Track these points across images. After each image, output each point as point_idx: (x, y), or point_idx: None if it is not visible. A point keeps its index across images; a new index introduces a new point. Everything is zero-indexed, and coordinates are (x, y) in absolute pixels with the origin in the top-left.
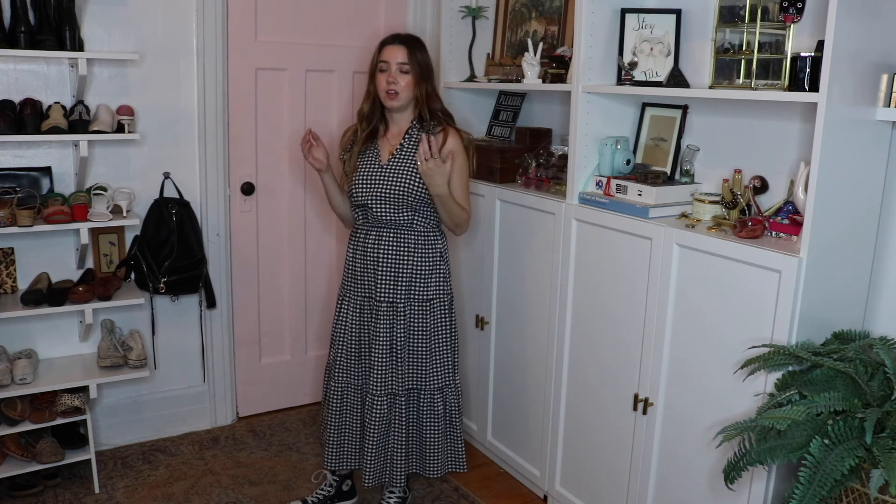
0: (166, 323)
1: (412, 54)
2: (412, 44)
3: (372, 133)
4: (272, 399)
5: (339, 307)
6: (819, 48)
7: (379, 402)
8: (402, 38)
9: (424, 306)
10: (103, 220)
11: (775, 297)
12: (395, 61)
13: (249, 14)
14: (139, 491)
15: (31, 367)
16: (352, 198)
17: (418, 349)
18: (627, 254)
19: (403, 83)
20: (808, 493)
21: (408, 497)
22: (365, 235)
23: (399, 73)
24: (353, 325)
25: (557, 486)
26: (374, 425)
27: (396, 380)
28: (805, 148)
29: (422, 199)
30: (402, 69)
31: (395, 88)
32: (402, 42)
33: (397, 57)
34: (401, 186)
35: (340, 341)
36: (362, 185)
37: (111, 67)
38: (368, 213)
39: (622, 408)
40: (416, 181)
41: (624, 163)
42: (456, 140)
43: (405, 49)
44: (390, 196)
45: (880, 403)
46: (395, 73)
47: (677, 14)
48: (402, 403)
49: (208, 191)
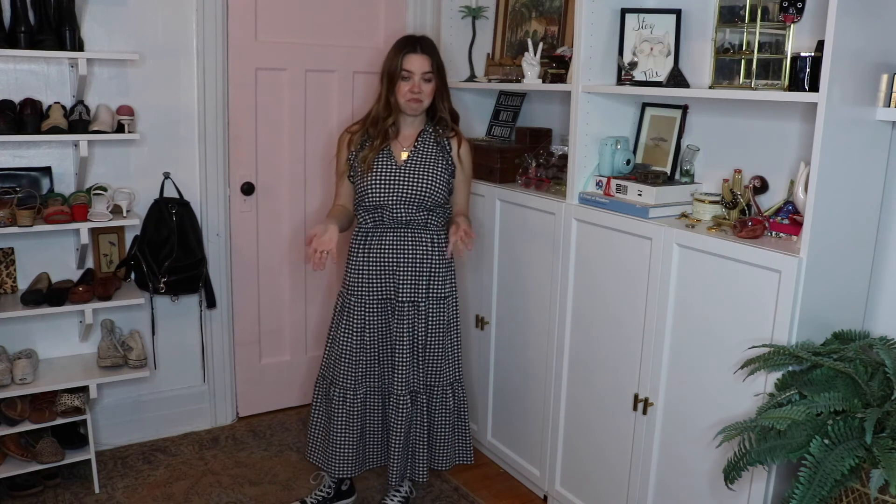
0: (166, 323)
1: (434, 62)
2: (433, 52)
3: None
4: (272, 399)
5: (349, 312)
6: (819, 48)
7: (403, 401)
8: (423, 45)
9: (441, 304)
10: (103, 220)
11: (775, 297)
12: (419, 71)
13: (249, 14)
14: (139, 491)
15: (31, 367)
16: (366, 199)
17: (436, 346)
18: (627, 254)
19: (427, 91)
20: (808, 493)
21: (413, 496)
22: (380, 237)
23: (423, 83)
24: (367, 329)
25: (557, 486)
26: (400, 424)
27: (418, 378)
28: (805, 148)
29: (438, 199)
30: (426, 78)
31: (420, 97)
32: (423, 51)
33: (423, 67)
34: (420, 187)
35: (351, 346)
36: (379, 186)
37: (111, 67)
38: (384, 214)
39: (622, 408)
40: (434, 182)
41: (624, 163)
42: (466, 148)
43: (429, 59)
44: (409, 196)
45: (880, 403)
46: (419, 83)
47: (677, 14)
48: (423, 400)
49: (208, 191)
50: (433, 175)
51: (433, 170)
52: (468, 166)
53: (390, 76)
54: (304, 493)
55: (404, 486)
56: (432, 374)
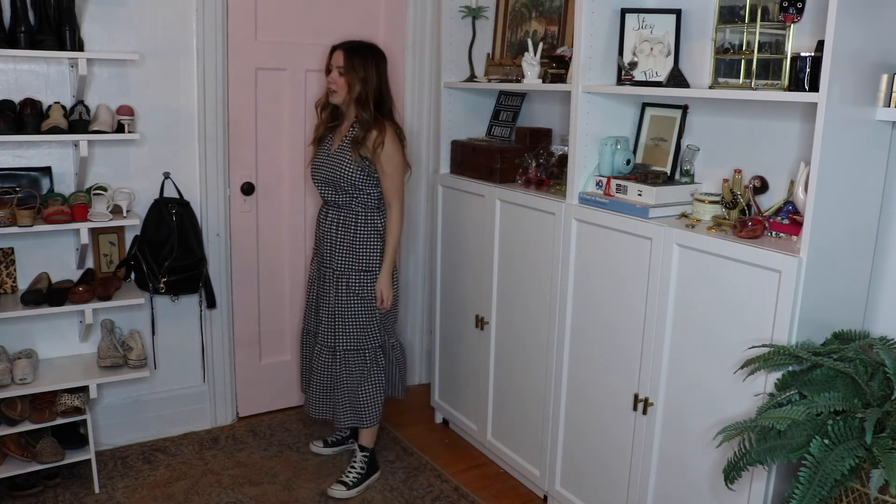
0: (166, 323)
1: (350, 61)
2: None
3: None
4: (272, 399)
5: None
6: (819, 48)
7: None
8: (348, 46)
9: (361, 276)
10: (103, 220)
11: (775, 297)
12: (335, 65)
13: (249, 14)
14: (139, 491)
15: (31, 367)
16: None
17: (350, 312)
18: (627, 254)
19: (340, 83)
20: (808, 493)
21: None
22: (325, 213)
23: (337, 76)
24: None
25: (557, 486)
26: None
27: (337, 338)
28: (805, 148)
29: (356, 184)
30: (340, 72)
31: (333, 87)
32: (343, 49)
33: (337, 61)
34: (334, 172)
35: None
36: (315, 169)
37: (111, 67)
38: (321, 192)
39: (622, 408)
40: (345, 170)
41: (624, 163)
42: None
43: (345, 56)
44: (331, 180)
45: (880, 403)
46: (335, 76)
47: (677, 14)
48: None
49: (208, 191)
50: (346, 164)
51: (347, 159)
52: (386, 161)
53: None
54: (304, 493)
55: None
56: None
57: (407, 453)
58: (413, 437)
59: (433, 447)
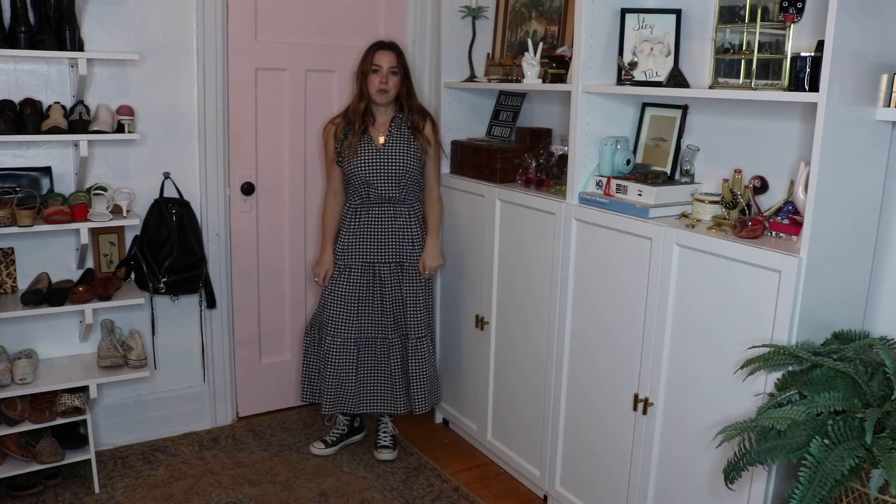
0: (166, 323)
1: (399, 60)
2: (400, 53)
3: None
4: (272, 399)
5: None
6: (819, 48)
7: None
8: (391, 45)
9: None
10: (103, 220)
11: (775, 297)
12: (387, 65)
13: (249, 14)
14: (139, 491)
15: (31, 367)
16: (355, 178)
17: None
18: (627, 254)
19: (393, 82)
20: (808, 493)
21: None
22: (367, 210)
23: (390, 75)
24: (354, 287)
25: (557, 486)
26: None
27: (409, 327)
28: (805, 148)
29: (413, 173)
30: (392, 71)
31: (386, 87)
32: (391, 49)
33: (390, 62)
34: (397, 164)
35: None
36: (364, 166)
37: (111, 67)
38: (370, 191)
39: (622, 408)
40: (408, 159)
41: (624, 163)
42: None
43: (395, 56)
44: (389, 173)
45: (880, 403)
46: (387, 75)
47: (677, 14)
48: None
49: (208, 191)
50: (407, 153)
51: (406, 149)
52: (436, 146)
53: (363, 72)
54: (304, 493)
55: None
56: (413, 325)
57: (407, 453)
58: (413, 437)
59: (433, 447)
